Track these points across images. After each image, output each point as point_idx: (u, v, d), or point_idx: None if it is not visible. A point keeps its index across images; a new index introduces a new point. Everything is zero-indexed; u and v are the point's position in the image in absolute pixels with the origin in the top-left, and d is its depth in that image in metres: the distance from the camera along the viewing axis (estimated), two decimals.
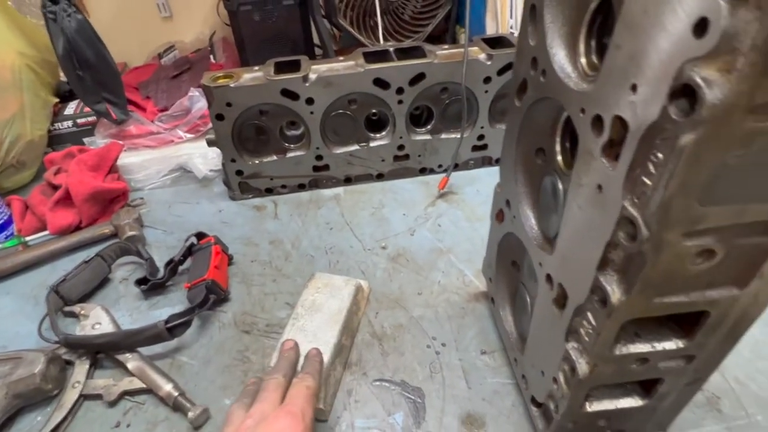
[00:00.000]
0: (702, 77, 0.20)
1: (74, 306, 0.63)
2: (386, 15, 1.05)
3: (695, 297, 0.30)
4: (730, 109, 0.20)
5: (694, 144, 0.21)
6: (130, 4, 1.19)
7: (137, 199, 0.88)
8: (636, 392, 0.41)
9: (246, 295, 0.68)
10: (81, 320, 0.61)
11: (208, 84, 0.71)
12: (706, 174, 0.22)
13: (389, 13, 1.05)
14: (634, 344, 0.34)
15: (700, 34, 0.19)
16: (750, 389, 0.52)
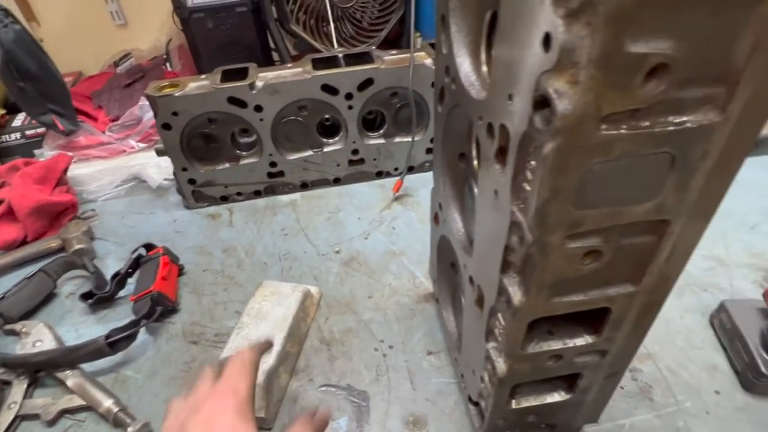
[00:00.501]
0: (554, 89, 0.21)
1: (15, 324, 0.62)
2: (343, 21, 1.06)
3: (594, 295, 0.31)
4: (581, 119, 0.21)
5: (555, 152, 0.22)
6: (82, 13, 1.17)
7: (88, 211, 0.86)
8: (560, 387, 0.42)
9: (196, 305, 0.68)
10: (22, 338, 0.60)
11: (153, 94, 0.70)
12: (574, 180, 0.23)
13: (346, 18, 1.06)
14: (546, 342, 0.35)
15: (546, 48, 0.20)
16: (681, 377, 0.54)
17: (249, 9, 0.98)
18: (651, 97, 0.21)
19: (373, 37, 1.02)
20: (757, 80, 0.21)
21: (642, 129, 0.22)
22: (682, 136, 0.23)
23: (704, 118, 0.22)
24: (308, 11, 0.98)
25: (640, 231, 0.28)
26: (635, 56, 0.19)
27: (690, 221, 0.27)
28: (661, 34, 0.19)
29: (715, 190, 0.26)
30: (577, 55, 0.20)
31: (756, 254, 0.70)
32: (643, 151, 0.23)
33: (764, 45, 0.20)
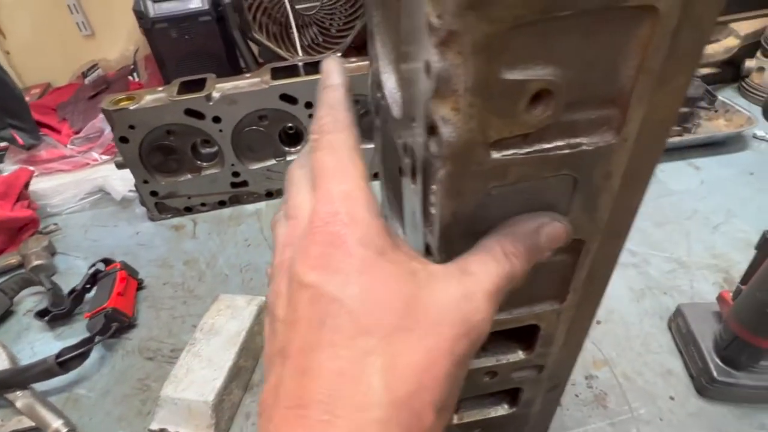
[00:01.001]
0: (440, 116, 0.20)
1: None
2: (310, 28, 1.05)
3: (519, 314, 0.31)
4: (468, 145, 0.21)
5: (448, 177, 0.22)
6: (48, 24, 1.16)
7: (51, 225, 0.85)
8: (505, 401, 0.42)
9: (154, 319, 0.67)
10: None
11: (108, 108, 0.69)
12: (472, 204, 0.23)
13: (312, 26, 1.05)
14: (479, 359, 0.35)
15: (428, 75, 0.20)
16: (636, 384, 0.54)
17: (213, 18, 0.97)
18: (538, 121, 0.20)
19: (339, 43, 1.02)
20: (647, 101, 0.21)
21: (536, 153, 0.22)
22: (580, 159, 0.22)
23: (601, 140, 0.22)
24: (272, 18, 0.97)
25: (557, 250, 0.27)
26: (513, 83, 0.19)
27: (605, 240, 0.27)
28: (538, 61, 0.19)
29: (625, 209, 0.26)
30: (454, 83, 0.19)
31: (717, 255, 0.70)
32: (542, 174, 0.23)
33: (648, 67, 0.19)
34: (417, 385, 0.19)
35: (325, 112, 0.24)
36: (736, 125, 0.90)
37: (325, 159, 0.22)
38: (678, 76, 0.20)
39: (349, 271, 0.20)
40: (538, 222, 0.24)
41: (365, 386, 0.18)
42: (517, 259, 0.23)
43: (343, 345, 0.19)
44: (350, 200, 0.21)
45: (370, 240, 0.20)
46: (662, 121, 0.22)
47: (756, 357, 0.47)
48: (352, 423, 0.18)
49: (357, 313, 0.19)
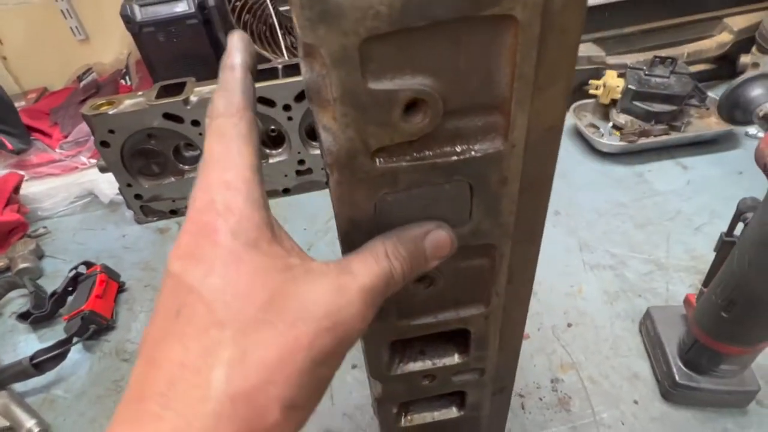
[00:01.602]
0: (322, 124, 0.21)
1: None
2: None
3: (445, 317, 0.31)
4: (349, 154, 0.21)
5: (336, 185, 0.22)
6: (43, 30, 1.18)
7: (40, 229, 0.87)
8: (453, 404, 0.42)
9: (132, 321, 0.68)
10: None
11: (87, 113, 0.71)
12: (368, 211, 0.23)
13: None
14: (415, 362, 0.35)
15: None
16: (602, 387, 0.54)
17: (200, 21, 0.98)
18: (418, 130, 0.21)
19: None
20: (529, 107, 0.21)
21: (424, 160, 0.22)
22: (470, 165, 0.22)
23: (490, 147, 0.22)
24: (258, 20, 0.98)
25: (471, 254, 0.28)
26: (383, 93, 0.19)
27: (517, 245, 0.27)
28: (405, 71, 0.19)
29: (530, 212, 0.25)
30: (325, 93, 0.19)
31: (696, 257, 0.69)
32: (434, 181, 0.23)
33: (521, 73, 0.19)
34: (264, 380, 0.18)
35: (219, 94, 0.22)
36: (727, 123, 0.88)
37: (212, 146, 0.21)
38: (555, 82, 0.20)
39: (214, 261, 0.19)
40: (425, 229, 0.24)
41: (204, 379, 0.18)
42: (398, 261, 0.23)
43: (193, 336, 0.19)
44: (229, 190, 0.20)
45: (242, 231, 0.20)
46: (549, 128, 0.22)
47: (716, 361, 0.46)
48: (183, 416, 0.17)
49: (214, 304, 0.19)
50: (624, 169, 0.86)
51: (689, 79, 0.88)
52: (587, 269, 0.69)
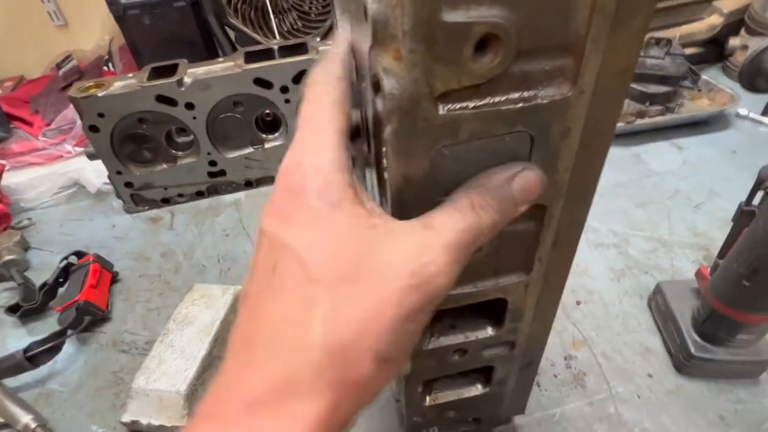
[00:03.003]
0: (382, 66, 0.19)
1: None
2: (289, 13, 1.03)
3: (484, 286, 0.30)
4: (413, 98, 0.19)
5: (394, 136, 0.21)
6: (19, 15, 1.13)
7: (24, 220, 0.83)
8: (478, 381, 0.41)
9: (129, 312, 0.65)
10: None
11: (75, 95, 0.67)
12: (424, 166, 0.22)
13: (291, 11, 1.03)
14: (447, 336, 0.34)
15: (366, 19, 0.19)
16: (615, 363, 0.54)
17: (188, 3, 0.95)
18: (488, 71, 0.19)
19: (318, 27, 1.00)
20: (604, 46, 0.19)
21: (488, 107, 0.21)
22: (535, 114, 0.21)
23: (556, 93, 0.21)
24: (249, 3, 0.95)
25: (518, 217, 0.26)
26: (456, 26, 0.18)
27: (568, 205, 0.26)
28: (483, 1, 0.18)
29: (587, 170, 0.25)
30: (392, 27, 0.18)
31: (699, 234, 0.70)
32: (496, 131, 0.22)
33: (602, 5, 0.18)
34: (357, 333, 0.19)
35: (322, 63, 0.24)
36: (719, 104, 0.89)
37: (307, 109, 0.22)
38: (635, 16, 0.19)
39: (304, 220, 0.20)
40: (510, 172, 0.22)
41: (305, 332, 0.19)
42: (486, 211, 0.22)
43: (290, 291, 0.20)
44: (316, 152, 0.21)
45: (328, 191, 0.20)
46: (621, 70, 0.21)
47: (733, 331, 0.46)
48: (287, 363, 0.19)
49: (306, 261, 0.20)
50: (621, 150, 0.87)
51: (684, 61, 0.89)
52: (592, 248, 0.69)
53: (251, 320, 0.21)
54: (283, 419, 0.19)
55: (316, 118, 0.22)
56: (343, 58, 0.23)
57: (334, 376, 0.19)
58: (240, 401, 0.19)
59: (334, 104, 0.22)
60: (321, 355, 0.19)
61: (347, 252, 0.20)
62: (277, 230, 0.21)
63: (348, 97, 0.23)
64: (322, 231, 0.20)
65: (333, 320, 0.19)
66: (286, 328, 0.19)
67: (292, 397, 0.19)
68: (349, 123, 0.22)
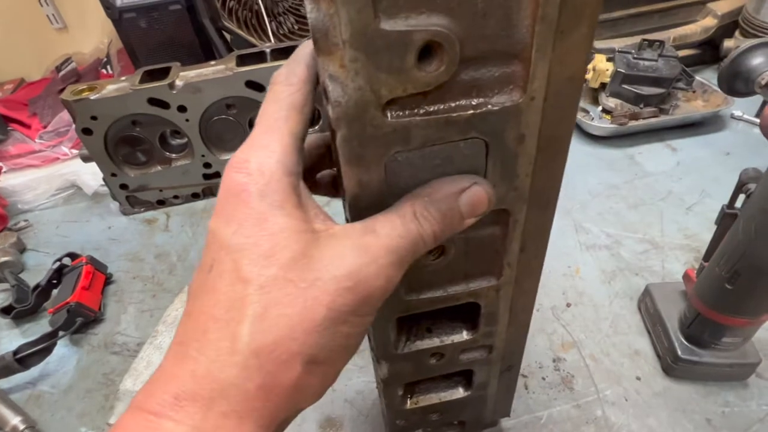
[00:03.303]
0: (329, 74, 0.19)
1: None
2: (286, 16, 1.03)
3: (455, 290, 0.30)
4: (359, 105, 0.19)
5: (344, 142, 0.21)
6: (18, 18, 1.14)
7: (21, 222, 0.84)
8: (460, 385, 0.41)
9: (121, 314, 0.66)
10: None
11: (68, 98, 0.68)
12: (378, 171, 0.22)
13: (288, 14, 1.03)
14: (423, 340, 0.34)
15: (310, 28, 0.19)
16: (603, 365, 0.53)
17: (183, 6, 0.95)
18: (433, 78, 0.19)
19: None
20: (550, 54, 0.19)
21: (438, 114, 0.21)
22: (487, 120, 0.21)
23: (507, 100, 0.21)
24: (245, 6, 0.95)
25: (483, 222, 0.26)
26: (396, 35, 0.18)
27: (531, 210, 0.26)
28: (421, 10, 0.18)
29: (547, 175, 0.25)
30: (333, 36, 0.18)
31: (690, 235, 0.69)
32: (450, 138, 0.22)
33: (544, 15, 0.18)
34: (284, 336, 0.19)
35: (287, 64, 0.24)
36: (714, 105, 0.89)
37: (265, 108, 0.22)
38: (578, 25, 0.19)
39: (243, 220, 0.20)
40: (460, 186, 0.23)
41: (232, 332, 0.19)
42: (427, 221, 0.22)
43: (222, 291, 0.20)
44: (265, 151, 0.21)
45: (270, 193, 0.20)
46: (570, 77, 0.21)
47: (718, 334, 0.46)
48: (214, 362, 0.19)
49: (240, 261, 0.20)
50: (614, 151, 0.86)
51: (677, 62, 0.88)
52: (583, 250, 0.68)
53: (188, 317, 0.21)
54: (208, 414, 0.19)
55: (272, 119, 0.22)
56: (308, 60, 0.23)
57: (261, 379, 0.19)
58: (168, 395, 0.19)
59: (292, 106, 0.22)
60: (247, 357, 0.19)
61: (281, 254, 0.20)
62: (217, 229, 0.21)
63: (309, 100, 0.23)
64: (259, 232, 0.20)
65: (261, 321, 0.19)
66: (216, 326, 0.20)
67: (220, 395, 0.19)
68: (305, 126, 0.22)
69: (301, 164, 0.22)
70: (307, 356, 0.20)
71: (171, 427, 0.18)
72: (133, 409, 0.20)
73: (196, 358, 0.19)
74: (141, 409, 0.19)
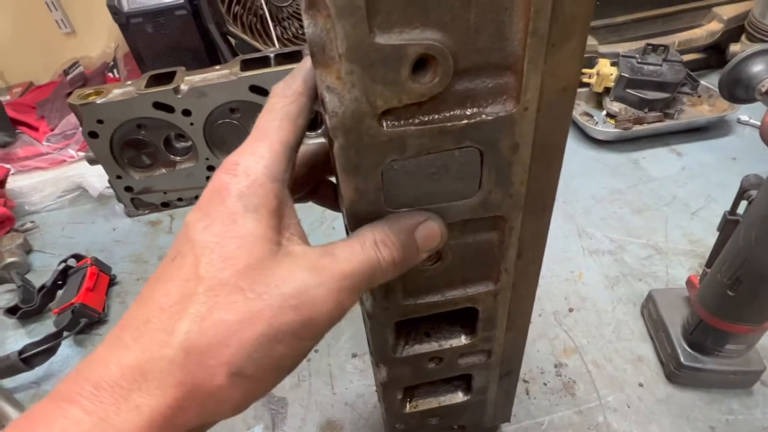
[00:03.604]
0: (326, 85, 0.19)
1: None
2: (290, 21, 1.04)
3: (453, 295, 0.30)
4: (356, 116, 0.20)
5: (341, 151, 0.21)
6: (28, 23, 1.15)
7: (28, 223, 0.85)
8: (460, 389, 0.41)
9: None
10: None
11: (74, 102, 0.69)
12: (375, 179, 0.22)
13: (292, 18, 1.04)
14: (421, 344, 0.34)
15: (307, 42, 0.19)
16: (605, 371, 0.53)
17: (189, 12, 0.96)
18: (428, 89, 0.20)
19: None
20: (542, 66, 0.20)
21: (433, 123, 0.21)
22: (481, 130, 0.21)
23: (501, 110, 0.21)
24: (249, 11, 0.96)
25: (480, 228, 0.27)
26: (391, 49, 0.18)
27: (527, 217, 0.26)
28: (414, 25, 0.18)
29: (542, 182, 0.25)
30: (329, 49, 0.18)
31: (695, 241, 0.69)
32: (444, 147, 0.22)
33: (536, 29, 0.18)
34: (218, 341, 0.19)
35: (286, 78, 0.24)
36: (720, 110, 0.88)
37: (261, 118, 0.23)
38: (569, 38, 0.19)
39: (216, 218, 0.21)
40: (416, 220, 0.23)
41: (171, 325, 0.19)
42: (388, 249, 0.22)
43: (176, 284, 0.20)
44: (254, 156, 0.22)
45: (249, 195, 0.21)
46: (563, 89, 0.21)
47: (721, 341, 0.46)
48: (145, 353, 0.19)
49: (200, 258, 0.20)
50: (619, 156, 0.86)
51: (681, 67, 0.88)
52: (586, 255, 0.68)
53: (137, 303, 0.21)
54: (122, 406, 0.18)
55: (265, 127, 0.22)
56: (306, 74, 0.24)
57: (183, 377, 0.19)
58: (88, 382, 0.19)
59: (285, 117, 0.23)
60: (177, 352, 0.19)
61: (239, 259, 0.20)
62: (191, 222, 0.21)
63: (305, 112, 0.23)
64: (226, 232, 0.20)
65: (201, 322, 0.19)
66: (159, 317, 0.19)
67: (139, 387, 0.19)
68: (297, 137, 0.23)
69: (288, 172, 0.22)
70: (235, 367, 0.19)
71: (79, 416, 0.18)
72: (50, 396, 0.19)
73: (130, 346, 0.19)
74: (56, 396, 0.19)
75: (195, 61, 1.03)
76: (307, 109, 0.24)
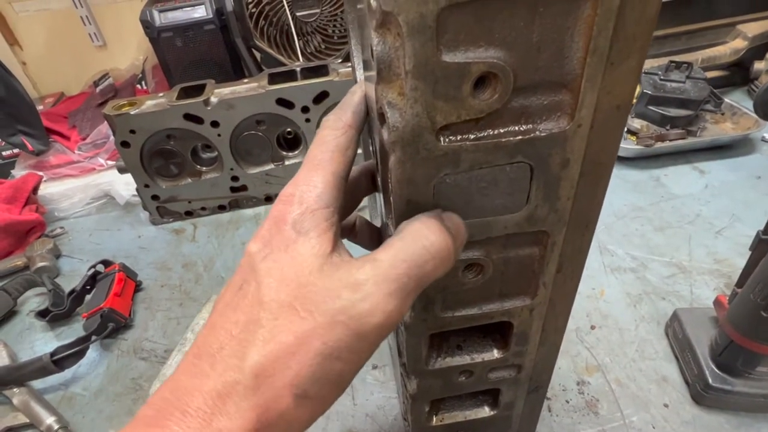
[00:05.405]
0: (387, 101, 0.20)
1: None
2: (312, 35, 1.07)
3: (489, 309, 0.31)
4: (415, 130, 0.21)
5: (398, 164, 0.22)
6: (62, 36, 1.20)
7: (57, 229, 0.87)
8: (486, 403, 0.41)
9: (150, 320, 0.68)
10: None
11: (109, 113, 0.71)
12: (427, 192, 0.23)
13: (315, 33, 1.06)
14: (453, 357, 0.35)
15: (372, 59, 0.20)
16: (629, 390, 0.53)
17: (217, 26, 0.99)
18: (486, 106, 0.20)
19: (340, 50, 1.03)
20: (600, 85, 0.20)
21: (488, 139, 0.22)
22: (534, 146, 0.22)
23: (555, 126, 0.22)
24: (274, 26, 0.99)
25: (522, 243, 0.27)
26: (456, 66, 0.19)
27: (570, 233, 0.27)
28: (479, 43, 0.19)
29: (588, 199, 0.25)
30: (396, 66, 0.19)
31: (720, 260, 0.68)
32: (497, 162, 0.22)
33: (596, 47, 0.19)
34: (282, 364, 0.20)
35: (335, 111, 0.26)
36: (744, 128, 0.88)
37: (313, 150, 0.24)
38: (628, 57, 0.20)
39: (275, 246, 0.22)
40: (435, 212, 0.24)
41: (243, 351, 0.20)
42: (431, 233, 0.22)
43: (244, 311, 0.21)
44: (308, 186, 0.23)
45: (302, 221, 0.22)
46: (617, 106, 0.21)
47: (752, 362, 0.45)
48: (222, 379, 0.20)
49: (262, 285, 0.21)
50: (640, 173, 0.86)
51: (705, 84, 0.88)
52: (608, 272, 0.68)
53: (209, 331, 0.22)
54: (205, 430, 0.19)
55: (318, 159, 0.24)
56: (355, 108, 0.25)
57: (257, 401, 0.20)
58: (176, 408, 0.20)
59: (336, 149, 0.24)
60: (249, 377, 0.20)
61: (295, 279, 0.21)
62: (254, 252, 0.22)
63: (353, 144, 0.25)
64: (284, 257, 0.21)
65: (265, 345, 0.20)
66: (231, 344, 0.20)
67: (220, 412, 0.19)
68: (347, 167, 0.24)
69: (339, 199, 0.24)
70: (298, 389, 0.20)
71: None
72: (140, 419, 0.20)
73: (208, 373, 0.20)
74: (148, 421, 0.20)
75: (221, 74, 1.06)
76: (356, 141, 0.25)
